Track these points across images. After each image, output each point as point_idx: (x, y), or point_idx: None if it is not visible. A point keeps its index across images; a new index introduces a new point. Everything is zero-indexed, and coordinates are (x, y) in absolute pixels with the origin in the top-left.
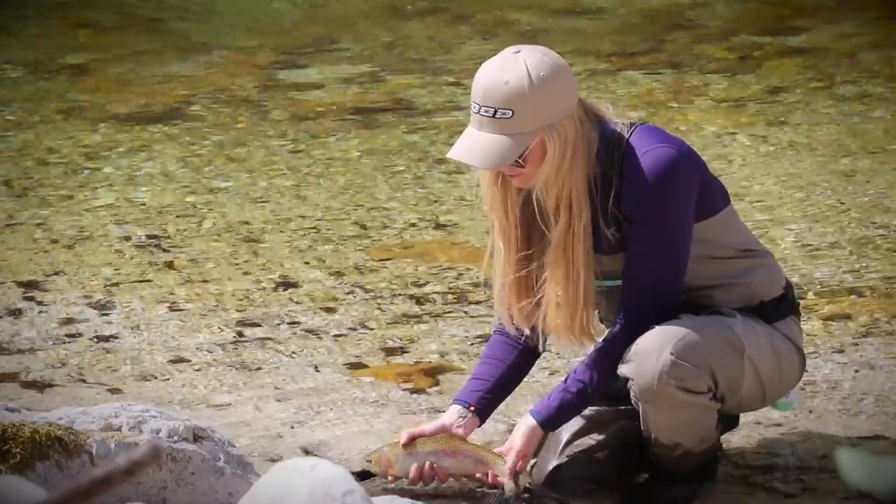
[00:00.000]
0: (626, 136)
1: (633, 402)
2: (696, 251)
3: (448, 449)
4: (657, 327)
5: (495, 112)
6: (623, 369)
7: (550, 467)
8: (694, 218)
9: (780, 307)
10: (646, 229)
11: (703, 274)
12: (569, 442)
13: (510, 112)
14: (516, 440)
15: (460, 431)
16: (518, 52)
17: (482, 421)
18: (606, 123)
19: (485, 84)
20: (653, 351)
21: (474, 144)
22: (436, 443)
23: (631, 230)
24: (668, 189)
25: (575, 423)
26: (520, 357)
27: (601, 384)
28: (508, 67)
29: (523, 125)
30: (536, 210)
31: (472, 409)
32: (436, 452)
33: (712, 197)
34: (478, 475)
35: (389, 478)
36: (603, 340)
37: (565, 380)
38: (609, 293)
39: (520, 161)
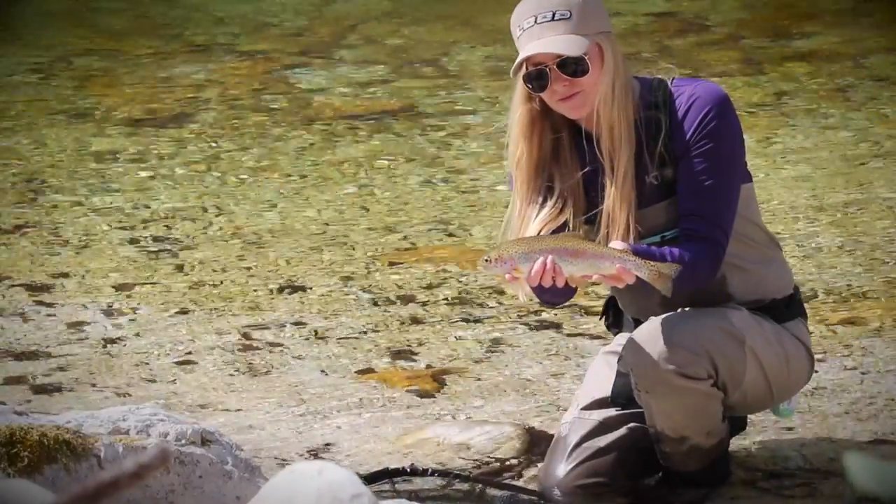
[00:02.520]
0: (667, 80)
1: (635, 396)
2: None
3: (571, 248)
4: (653, 318)
5: (554, 14)
6: (623, 360)
7: (559, 471)
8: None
9: (791, 307)
10: (705, 156)
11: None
12: (577, 445)
13: (568, 13)
14: (615, 245)
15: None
16: None
17: None
18: (637, 74)
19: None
20: (649, 340)
21: (546, 41)
22: (557, 241)
23: (685, 163)
24: (726, 116)
25: (582, 427)
26: None
27: (683, 262)
28: None
29: (581, 26)
30: (595, 142)
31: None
32: (558, 251)
33: (745, 162)
34: (598, 277)
35: (507, 276)
36: (679, 245)
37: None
38: None
39: (583, 66)
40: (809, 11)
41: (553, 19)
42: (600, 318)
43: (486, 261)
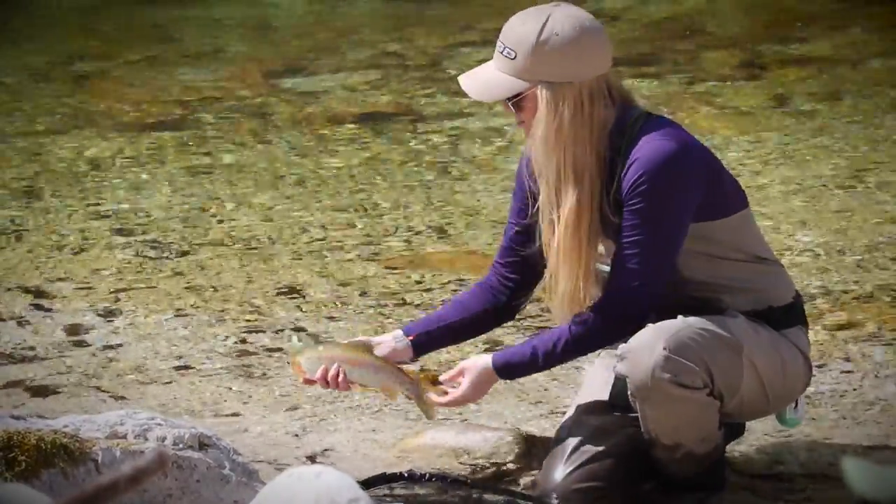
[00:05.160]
0: (640, 124)
1: (630, 402)
2: (708, 250)
3: (356, 359)
4: (650, 326)
5: (504, 49)
6: (618, 368)
7: (556, 475)
8: (705, 215)
9: (789, 315)
10: (635, 213)
11: (715, 274)
12: (575, 449)
13: (514, 53)
14: (465, 385)
15: (383, 352)
16: (557, 6)
17: (415, 355)
18: (631, 109)
19: (510, 22)
20: (645, 347)
21: (478, 73)
22: (346, 350)
23: (625, 214)
24: (660, 178)
25: (581, 431)
26: (487, 313)
27: (564, 356)
28: (534, 14)
29: (521, 71)
30: (534, 178)
31: (410, 338)
32: (344, 359)
33: (725, 199)
34: (383, 391)
35: (301, 379)
36: (579, 316)
37: (538, 335)
38: None
39: (518, 105)
40: (808, 15)
41: (501, 53)
42: None
43: (289, 363)
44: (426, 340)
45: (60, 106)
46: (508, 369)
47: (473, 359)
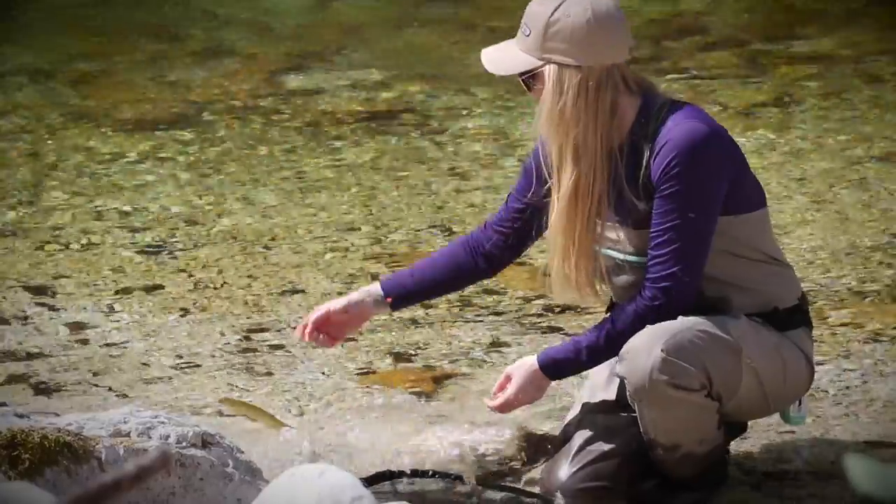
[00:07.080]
0: (666, 109)
1: (629, 402)
2: (723, 246)
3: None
4: (649, 327)
5: (522, 26)
6: (617, 368)
7: (561, 474)
8: (724, 209)
9: (794, 317)
10: (668, 198)
11: (727, 271)
12: (580, 448)
13: (529, 31)
14: (512, 387)
15: (358, 310)
16: None
17: (392, 310)
18: (656, 96)
19: (532, 0)
20: (644, 348)
21: (499, 47)
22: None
23: (656, 201)
24: (691, 160)
25: (586, 430)
26: (462, 270)
27: (610, 348)
28: None
29: (532, 49)
30: (541, 155)
31: (388, 300)
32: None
33: (746, 194)
34: None
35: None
36: (621, 308)
37: (583, 333)
38: (632, 268)
39: (530, 85)
40: (810, 14)
41: (520, 30)
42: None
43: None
44: (402, 301)
45: (61, 105)
46: (554, 366)
47: (519, 362)
